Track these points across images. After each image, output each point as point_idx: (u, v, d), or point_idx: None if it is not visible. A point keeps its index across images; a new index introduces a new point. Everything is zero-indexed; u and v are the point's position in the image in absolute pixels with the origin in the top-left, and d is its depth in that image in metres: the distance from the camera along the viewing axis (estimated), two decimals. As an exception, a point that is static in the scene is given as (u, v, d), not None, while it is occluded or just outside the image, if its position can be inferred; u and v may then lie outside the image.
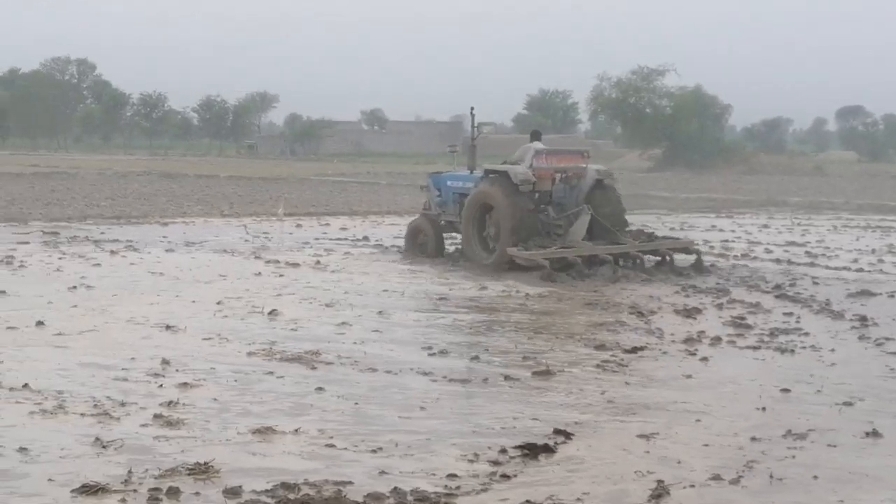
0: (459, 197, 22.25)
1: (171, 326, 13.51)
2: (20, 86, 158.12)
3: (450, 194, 22.73)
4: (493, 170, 21.33)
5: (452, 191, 22.67)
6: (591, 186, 21.44)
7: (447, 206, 22.72)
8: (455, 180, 22.93)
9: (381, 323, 14.24)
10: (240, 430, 8.82)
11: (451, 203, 22.55)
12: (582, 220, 20.90)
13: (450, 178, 23.20)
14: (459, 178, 22.92)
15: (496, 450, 8.38)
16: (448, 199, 22.74)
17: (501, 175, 20.72)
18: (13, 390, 9.96)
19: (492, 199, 20.63)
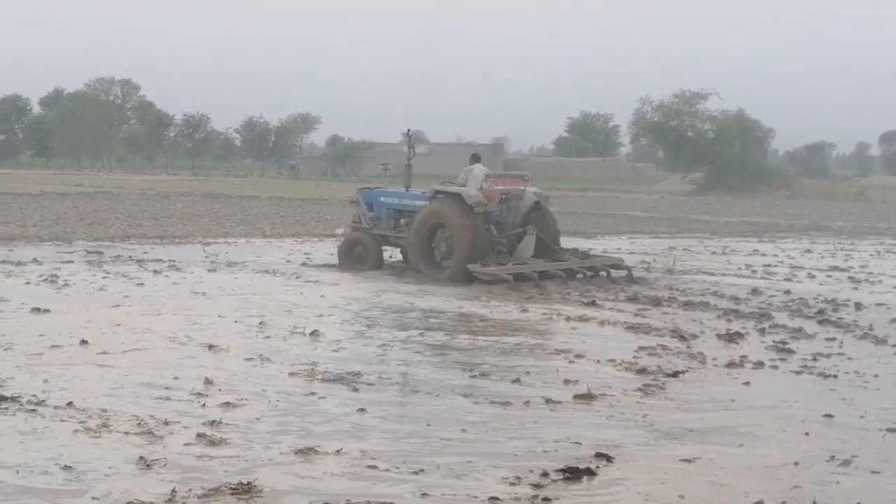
0: (394, 213, 24.03)
1: (214, 346, 13.58)
2: (65, 106, 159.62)
3: (383, 210, 24.24)
4: (444, 191, 22.87)
5: (386, 206, 24.23)
6: (528, 208, 23.10)
7: (380, 221, 24.21)
8: (389, 196, 24.46)
9: (423, 344, 14.26)
10: (282, 450, 8.85)
11: (385, 218, 24.15)
12: (528, 238, 22.70)
13: (383, 194, 24.65)
14: (395, 194, 24.49)
15: (538, 473, 8.37)
16: (381, 214, 24.23)
17: (455, 196, 22.29)
18: (58, 408, 10.03)
19: (445, 218, 22.19)
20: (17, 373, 11.59)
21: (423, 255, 22.64)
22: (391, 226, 24.05)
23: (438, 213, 22.39)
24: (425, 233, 22.62)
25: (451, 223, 22.02)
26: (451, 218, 22.05)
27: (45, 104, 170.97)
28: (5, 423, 9.47)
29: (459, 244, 21.81)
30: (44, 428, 9.35)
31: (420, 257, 22.69)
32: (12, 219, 36.92)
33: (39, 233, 31.24)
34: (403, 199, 24.17)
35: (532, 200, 23.23)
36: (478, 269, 21.44)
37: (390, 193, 24.67)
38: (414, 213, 23.45)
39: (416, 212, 23.39)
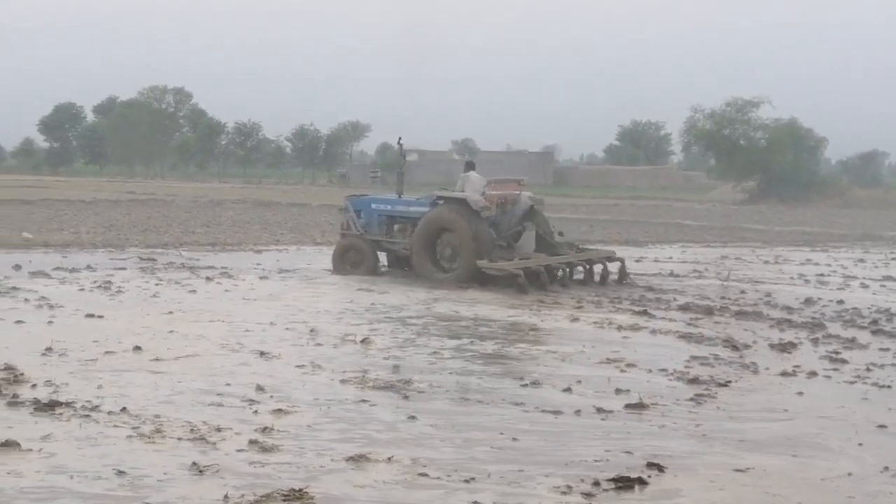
0: (387, 219, 24.80)
1: (266, 353, 13.64)
2: (118, 114, 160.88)
3: (374, 216, 24.87)
4: (448, 197, 23.62)
5: (377, 213, 24.88)
6: (524, 211, 24.00)
7: (371, 227, 24.82)
8: (381, 203, 25.14)
9: (473, 352, 14.25)
10: (334, 457, 8.88)
11: (376, 224, 24.80)
12: (527, 234, 23.66)
13: (373, 201, 25.35)
14: (387, 201, 25.23)
15: (589, 482, 8.36)
16: (372, 221, 24.85)
17: (460, 202, 23.06)
18: (112, 414, 10.11)
19: (451, 223, 22.93)
20: (71, 378, 11.69)
21: (427, 259, 23.33)
22: (383, 231, 24.78)
23: (444, 218, 23.11)
24: (429, 237, 23.30)
25: (458, 228, 22.79)
26: (457, 222, 22.84)
27: (98, 112, 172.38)
28: (60, 428, 9.56)
29: (466, 248, 22.64)
30: (98, 433, 9.42)
31: (424, 261, 23.34)
32: (66, 225, 37.26)
33: (93, 239, 31.51)
34: (397, 205, 24.97)
35: (527, 204, 24.16)
36: (487, 265, 22.20)
37: (382, 200, 25.42)
38: (408, 219, 24.35)
39: (410, 218, 24.26)
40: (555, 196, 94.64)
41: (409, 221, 24.35)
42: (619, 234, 43.24)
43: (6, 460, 8.50)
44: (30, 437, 9.11)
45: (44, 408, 10.20)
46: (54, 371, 12.06)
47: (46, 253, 27.23)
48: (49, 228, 35.51)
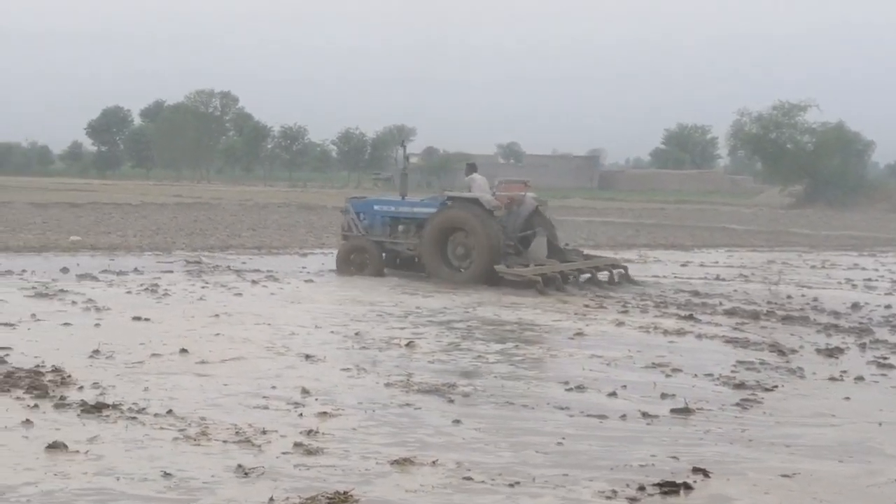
0: (391, 220, 25.12)
1: (311, 356, 13.68)
2: (165, 118, 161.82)
3: (377, 217, 25.24)
4: (460, 197, 24.17)
5: (381, 214, 25.26)
6: (529, 212, 24.33)
7: (374, 228, 25.18)
8: (384, 205, 25.53)
9: (518, 356, 14.24)
10: (379, 460, 8.88)
11: (380, 225, 25.17)
12: (539, 240, 23.93)
13: (376, 202, 25.79)
14: (391, 202, 25.61)
15: (634, 487, 8.32)
16: (375, 222, 25.22)
17: (473, 202, 23.59)
18: (158, 416, 10.17)
19: (464, 223, 23.40)
20: (118, 381, 11.77)
21: (438, 259, 23.77)
22: (386, 233, 25.12)
23: (458, 218, 23.57)
24: (440, 237, 23.74)
25: (472, 227, 23.23)
26: (470, 222, 23.29)
27: (146, 116, 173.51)
28: (107, 430, 9.62)
29: (481, 247, 23.09)
30: (144, 436, 9.48)
31: (436, 260, 23.77)
32: (113, 229, 37.52)
33: (140, 243, 31.72)
34: (401, 206, 25.31)
35: (532, 205, 24.52)
36: (505, 271, 22.70)
37: (385, 202, 25.80)
38: (413, 220, 24.78)
39: (416, 218, 24.72)
40: (600, 200, 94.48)
41: (414, 222, 24.80)
42: (664, 238, 43.10)
43: (54, 462, 8.56)
44: (77, 439, 9.17)
45: (91, 410, 10.27)
46: (101, 373, 12.14)
47: (94, 256, 27.43)
48: (96, 231, 35.78)
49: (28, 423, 9.73)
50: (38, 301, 18.32)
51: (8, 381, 11.39)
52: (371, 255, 24.77)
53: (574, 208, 72.84)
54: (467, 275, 23.21)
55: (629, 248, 36.64)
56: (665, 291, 22.72)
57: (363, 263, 24.67)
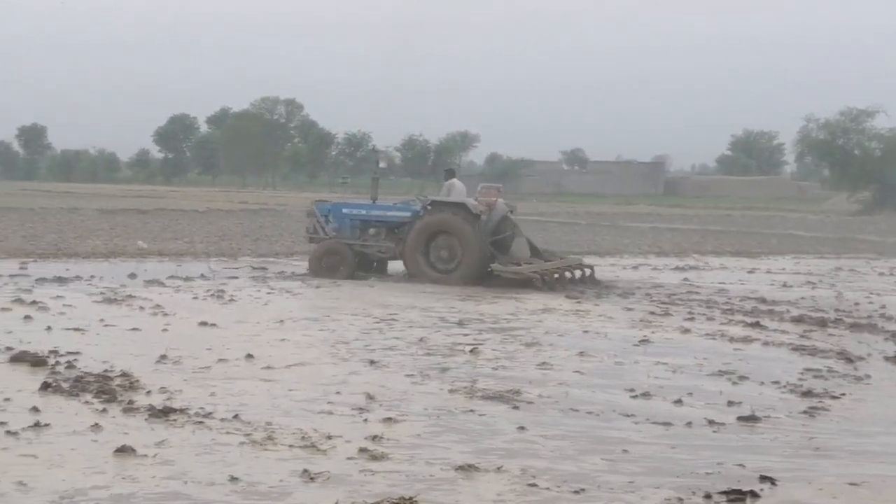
0: (360, 223, 25.75)
1: (375, 362, 13.72)
2: (231, 125, 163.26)
3: (346, 221, 25.83)
4: (445, 202, 25.03)
5: (350, 218, 25.88)
6: (500, 217, 25.15)
7: (342, 231, 25.73)
8: (354, 208, 26.32)
9: (583, 364, 14.20)
10: (443, 466, 8.89)
11: (349, 229, 25.75)
12: (519, 241, 24.93)
13: (345, 206, 26.64)
14: (361, 206, 26.49)
15: (700, 494, 8.27)
16: (344, 225, 25.79)
17: (459, 206, 24.60)
18: (224, 421, 10.24)
19: (450, 226, 24.31)
20: (185, 385, 11.87)
21: (421, 261, 24.52)
22: (356, 236, 25.70)
23: (444, 221, 24.47)
24: (424, 240, 24.50)
25: (459, 231, 24.20)
26: (457, 226, 24.25)
27: (212, 123, 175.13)
28: (174, 434, 9.71)
29: (468, 250, 24.07)
30: (211, 440, 9.55)
31: (418, 262, 24.54)
32: (180, 235, 37.86)
33: (206, 249, 31.98)
34: (373, 210, 26.07)
35: (504, 210, 25.41)
36: (502, 269, 23.92)
37: (355, 205, 26.80)
38: (385, 223, 25.63)
39: (388, 222, 25.63)
40: (665, 206, 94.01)
41: (385, 225, 25.63)
42: (730, 244, 42.82)
43: (122, 466, 8.65)
44: (145, 443, 9.25)
45: (158, 414, 10.36)
46: (168, 378, 12.25)
47: (161, 262, 27.70)
48: (163, 238, 36.12)
49: (97, 428, 9.83)
50: (106, 306, 18.52)
51: (77, 386, 11.53)
52: (344, 257, 25.15)
53: (639, 215, 72.62)
54: (455, 276, 24.03)
55: (687, 255, 36.45)
56: (731, 299, 22.56)
57: (336, 266, 25.01)
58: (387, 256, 25.62)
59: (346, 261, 25.05)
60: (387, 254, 25.52)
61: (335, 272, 24.80)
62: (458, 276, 24.03)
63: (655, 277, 27.46)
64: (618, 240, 44.07)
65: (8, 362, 12.93)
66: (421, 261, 24.49)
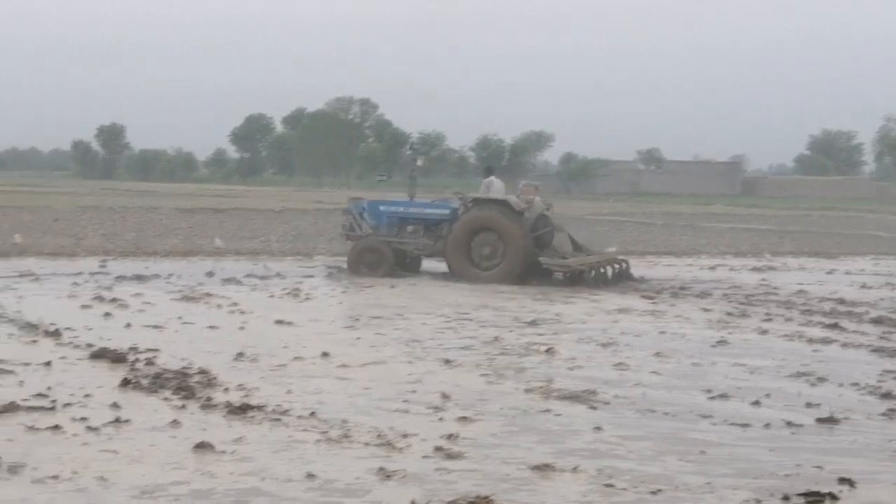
0: (398, 220, 25.88)
1: (450, 361, 13.74)
2: (306, 125, 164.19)
3: (383, 218, 25.93)
4: (487, 199, 25.16)
5: (387, 215, 25.99)
6: (537, 215, 25.19)
7: (380, 229, 25.79)
8: (391, 206, 26.53)
9: (660, 364, 14.11)
10: (518, 465, 8.88)
11: (386, 226, 25.84)
12: (561, 236, 25.38)
13: (381, 203, 26.89)
14: (399, 203, 26.78)
15: (778, 496, 8.20)
16: (382, 223, 25.86)
17: (502, 203, 24.78)
18: (301, 418, 10.30)
19: (494, 223, 24.48)
20: (262, 383, 11.96)
21: (464, 258, 24.59)
22: (393, 233, 25.77)
23: (487, 218, 24.63)
24: (466, 238, 24.56)
25: (502, 228, 24.35)
26: (501, 223, 24.44)
27: (287, 123, 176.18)
28: (252, 431, 9.78)
29: (512, 246, 24.22)
30: (288, 437, 9.61)
31: (461, 260, 24.61)
32: (256, 234, 38.12)
33: (282, 248, 32.19)
34: (411, 207, 26.36)
35: (542, 208, 25.52)
36: (551, 262, 24.30)
37: (393, 203, 27.04)
38: (423, 221, 25.84)
39: (426, 219, 25.87)
40: (742, 207, 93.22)
41: (423, 223, 25.82)
42: (808, 245, 42.37)
43: (201, 462, 8.73)
44: (223, 440, 9.34)
45: (236, 411, 10.45)
46: (246, 375, 12.35)
47: (237, 260, 27.92)
48: (240, 237, 36.39)
49: (176, 424, 9.93)
50: (184, 304, 18.71)
51: (156, 383, 11.66)
52: (383, 255, 25.16)
53: (716, 215, 72.04)
54: (497, 273, 24.11)
55: (760, 255, 36.12)
56: (810, 300, 22.33)
57: (375, 264, 24.98)
58: (424, 253, 25.91)
59: (385, 258, 25.09)
60: (424, 251, 25.78)
61: (375, 270, 24.80)
62: (500, 272, 24.15)
63: (732, 278, 27.22)
64: (695, 240, 43.75)
65: (88, 359, 13.10)
66: (462, 258, 24.60)
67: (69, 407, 10.51)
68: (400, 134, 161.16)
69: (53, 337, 14.61)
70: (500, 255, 24.31)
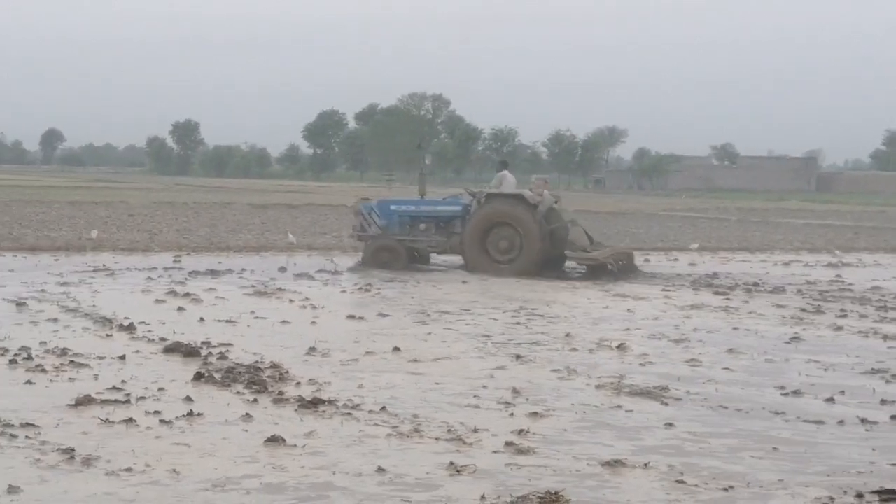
0: (409, 219, 26.06)
1: (521, 356, 13.72)
2: (378, 121, 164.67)
3: (394, 217, 26.01)
4: (501, 194, 25.39)
5: (398, 214, 26.11)
6: (548, 208, 25.44)
7: (391, 228, 25.84)
8: (402, 205, 26.86)
9: (733, 361, 14.00)
10: (589, 461, 8.85)
11: (398, 225, 25.93)
12: (576, 230, 25.51)
13: (392, 202, 27.31)
14: (409, 202, 27.21)
15: (852, 494, 8.11)
16: (393, 222, 25.92)
17: (518, 198, 25.05)
18: (372, 413, 10.34)
19: (511, 217, 24.65)
20: (333, 377, 12.02)
21: (481, 253, 24.77)
22: (405, 231, 25.90)
23: (504, 213, 24.80)
24: (482, 232, 24.79)
25: (519, 222, 24.58)
26: (518, 217, 24.64)
27: (360, 119, 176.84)
28: (323, 425, 9.83)
29: (530, 240, 24.50)
30: (359, 431, 9.65)
31: (479, 254, 24.77)
32: (328, 230, 38.32)
33: (354, 244, 32.24)
34: (422, 206, 26.64)
35: (551, 201, 25.82)
36: (576, 255, 24.90)
37: (403, 202, 27.59)
38: (435, 218, 26.10)
39: (438, 217, 26.13)
40: (818, 202, 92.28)
41: (435, 220, 26.07)
42: (885, 241, 41.87)
43: (272, 455, 8.79)
44: (294, 434, 9.40)
45: (307, 405, 10.50)
46: (317, 370, 12.41)
47: (310, 255, 28.09)
48: (312, 232, 36.60)
49: (248, 418, 10.01)
50: (257, 299, 18.85)
51: (229, 377, 11.75)
52: (397, 254, 25.26)
53: (791, 210, 71.44)
54: (515, 266, 24.36)
55: (829, 251, 35.74)
56: (885, 296, 22.06)
57: (390, 263, 25.01)
58: (437, 250, 26.03)
59: (399, 257, 25.20)
60: (437, 248, 25.90)
61: (389, 268, 24.75)
62: (519, 265, 24.42)
63: (806, 274, 26.95)
64: (769, 236, 43.40)
65: (162, 353, 13.24)
66: (480, 252, 24.74)
67: (143, 400, 10.63)
68: (472, 130, 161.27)
69: (128, 331, 14.77)
70: (518, 249, 24.58)
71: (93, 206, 49.49)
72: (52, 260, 24.98)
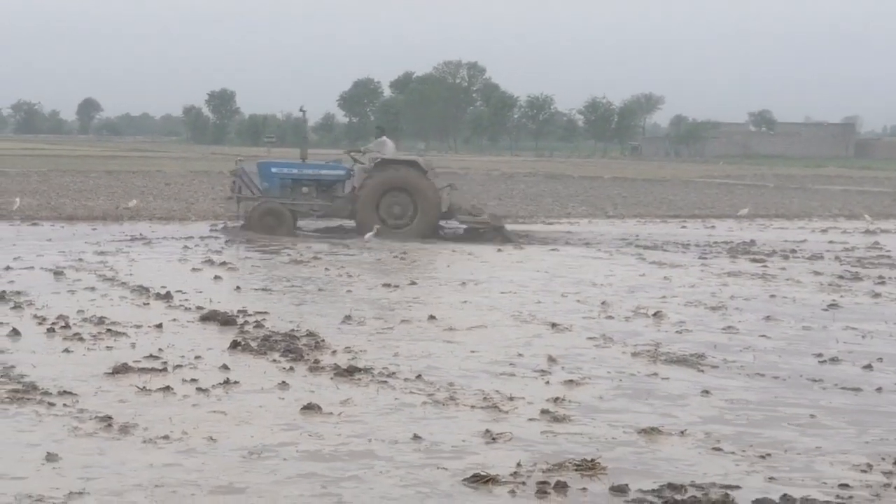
0: (291, 182, 25.79)
1: (557, 325, 13.69)
2: (413, 89, 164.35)
3: (276, 180, 25.66)
4: (394, 160, 25.81)
5: (279, 177, 25.74)
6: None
7: (272, 191, 25.51)
8: (284, 167, 26.46)
9: (769, 328, 13.92)
10: (625, 429, 8.84)
11: (279, 188, 25.61)
12: (455, 193, 26.88)
13: (273, 165, 26.64)
14: (292, 165, 26.83)
15: (890, 461, 8.07)
16: (274, 185, 25.57)
17: (412, 164, 25.82)
18: (407, 381, 10.35)
19: (407, 183, 25.10)
20: (369, 345, 12.03)
21: (375, 217, 24.73)
22: (287, 194, 25.65)
23: (400, 178, 25.20)
24: (376, 197, 24.94)
25: (416, 187, 25.07)
26: (415, 182, 25.16)
27: (395, 87, 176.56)
28: (359, 392, 9.85)
29: (427, 204, 24.97)
30: (394, 399, 9.67)
31: (371, 219, 24.59)
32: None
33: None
34: (305, 169, 26.33)
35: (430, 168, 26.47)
36: (469, 219, 25.73)
37: (285, 164, 27.15)
38: (319, 182, 25.88)
39: (322, 180, 25.90)
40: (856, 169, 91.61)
41: (317, 184, 25.85)
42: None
43: (308, 423, 8.82)
44: (330, 402, 9.42)
45: (343, 373, 10.52)
46: (353, 338, 12.43)
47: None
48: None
49: (284, 386, 10.04)
50: (293, 267, 18.91)
51: (265, 345, 11.78)
52: (282, 218, 25.06)
53: (829, 177, 71.02)
54: (413, 230, 24.79)
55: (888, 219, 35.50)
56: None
57: (273, 227, 24.81)
58: (319, 214, 25.98)
59: (285, 221, 25.04)
60: (319, 211, 25.83)
61: (274, 231, 24.65)
62: (417, 229, 24.80)
63: (845, 241, 26.76)
64: (806, 203, 43.14)
65: (199, 321, 13.29)
66: (373, 217, 24.66)
67: (180, 368, 10.68)
68: (508, 97, 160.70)
69: (164, 300, 14.83)
70: (410, 214, 24.95)
71: (130, 175, 49.67)
72: (90, 229, 25.10)
